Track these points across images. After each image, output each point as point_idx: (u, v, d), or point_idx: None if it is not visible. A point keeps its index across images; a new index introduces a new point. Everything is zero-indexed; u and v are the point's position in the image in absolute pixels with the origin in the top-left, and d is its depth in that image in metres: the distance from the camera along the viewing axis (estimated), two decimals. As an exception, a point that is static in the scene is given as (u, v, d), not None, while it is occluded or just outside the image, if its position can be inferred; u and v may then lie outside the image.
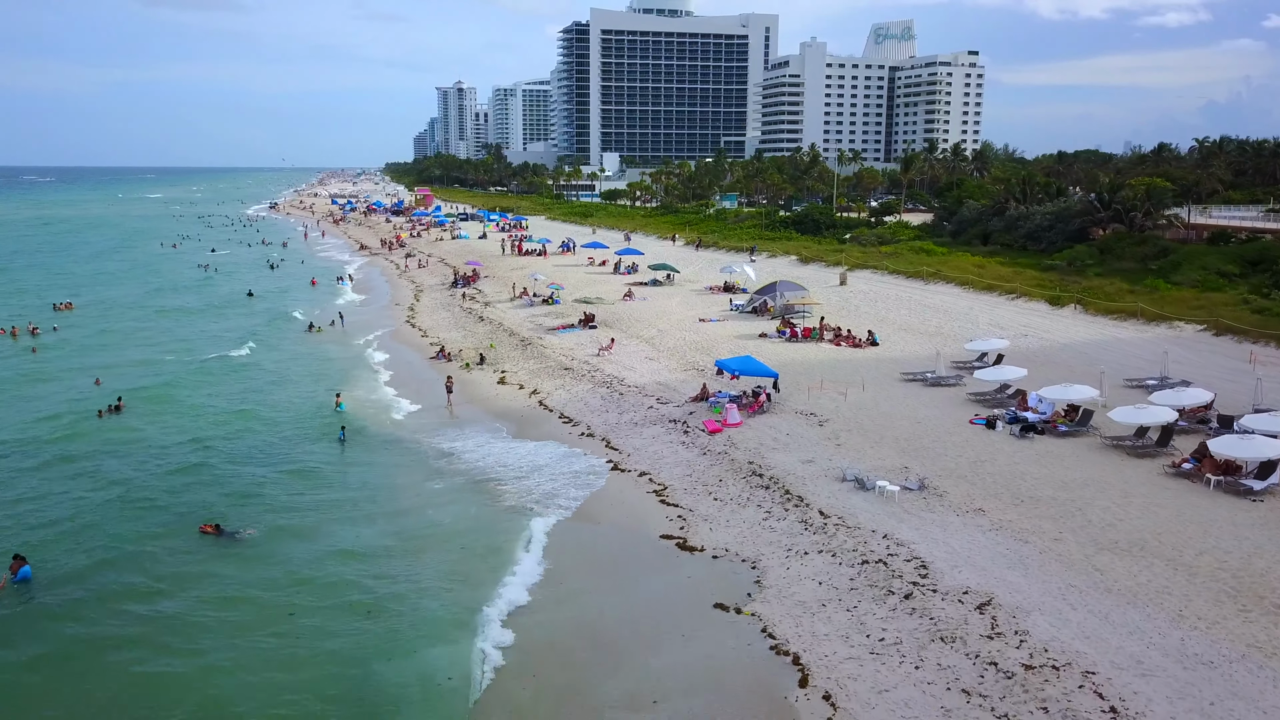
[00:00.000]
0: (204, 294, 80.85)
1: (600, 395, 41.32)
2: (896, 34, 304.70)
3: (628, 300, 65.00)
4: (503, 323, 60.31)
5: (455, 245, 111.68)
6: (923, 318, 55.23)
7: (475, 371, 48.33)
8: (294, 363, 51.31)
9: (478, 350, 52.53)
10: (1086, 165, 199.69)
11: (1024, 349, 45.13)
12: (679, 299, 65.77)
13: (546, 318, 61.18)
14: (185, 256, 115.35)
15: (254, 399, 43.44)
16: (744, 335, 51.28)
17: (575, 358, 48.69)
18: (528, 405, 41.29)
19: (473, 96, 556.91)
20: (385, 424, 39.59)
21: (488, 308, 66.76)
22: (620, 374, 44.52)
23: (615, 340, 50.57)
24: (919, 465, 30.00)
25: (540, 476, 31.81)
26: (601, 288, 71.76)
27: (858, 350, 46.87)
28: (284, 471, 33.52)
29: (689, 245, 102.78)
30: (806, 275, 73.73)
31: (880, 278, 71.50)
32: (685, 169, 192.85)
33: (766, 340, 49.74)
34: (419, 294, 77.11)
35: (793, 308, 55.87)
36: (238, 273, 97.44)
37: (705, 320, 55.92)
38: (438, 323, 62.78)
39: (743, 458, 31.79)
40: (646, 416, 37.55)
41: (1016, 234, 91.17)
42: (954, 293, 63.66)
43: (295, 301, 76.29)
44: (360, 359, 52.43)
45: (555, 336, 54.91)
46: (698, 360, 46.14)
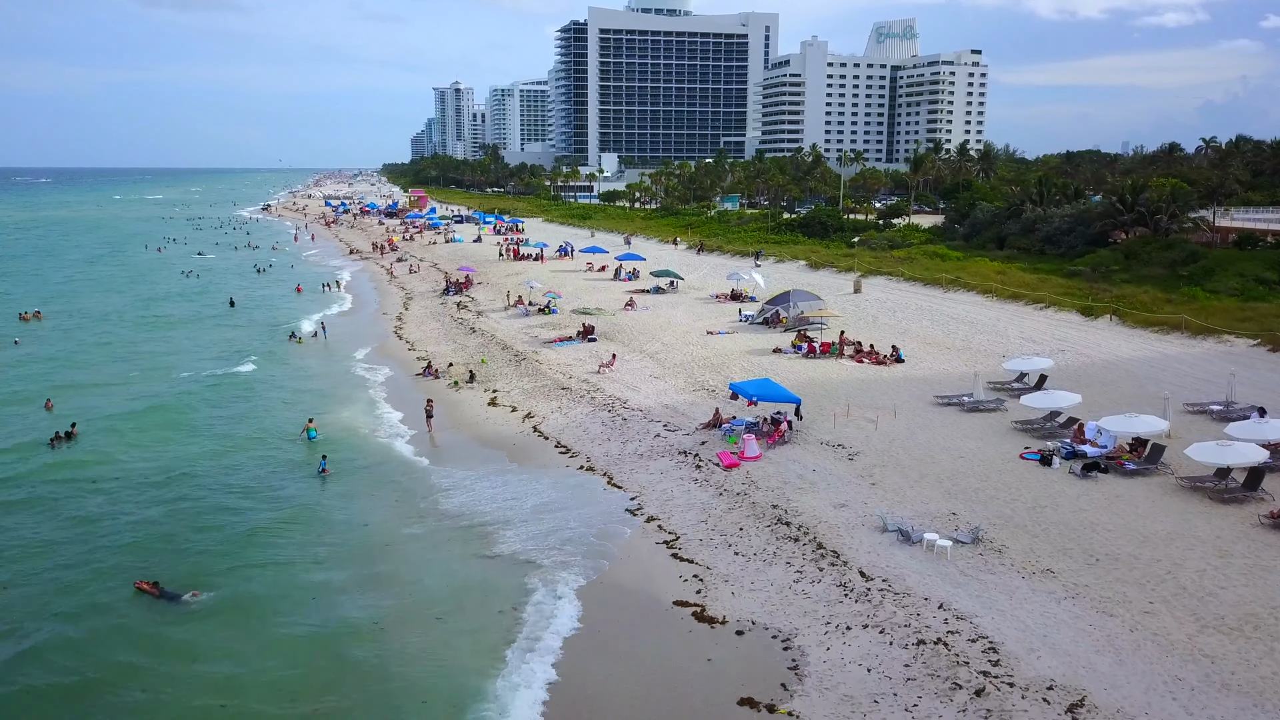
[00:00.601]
0: (184, 303, 76.77)
1: (601, 420, 37.36)
2: (898, 33, 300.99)
3: (629, 310, 61.05)
4: (495, 334, 56.32)
5: (449, 249, 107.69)
6: (947, 330, 51.29)
7: (464, 391, 44.36)
8: (271, 382, 47.25)
9: (468, 366, 48.57)
10: (1093, 166, 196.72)
11: (1064, 368, 41.17)
12: (684, 308, 61.80)
13: (542, 329, 57.21)
14: (170, 261, 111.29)
15: (222, 425, 39.38)
16: (756, 350, 47.31)
17: (573, 375, 44.72)
18: (521, 432, 37.31)
19: (470, 97, 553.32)
20: (365, 454, 35.62)
21: (480, 317, 62.77)
22: (623, 395, 40.55)
23: (617, 356, 46.59)
24: (969, 511, 26.04)
25: (533, 527, 27.78)
26: (601, 296, 67.78)
27: (882, 368, 42.91)
28: (248, 515, 29.51)
29: (691, 249, 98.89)
30: (817, 282, 69.78)
31: (896, 285, 67.58)
32: (686, 169, 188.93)
33: (781, 356, 45.76)
34: (408, 302, 73.11)
35: (807, 320, 51.89)
36: (222, 279, 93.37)
37: (713, 333, 51.94)
38: (426, 334, 58.78)
39: (765, 500, 27.82)
40: (653, 447, 33.57)
41: (1034, 237, 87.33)
42: (976, 302, 59.73)
43: (279, 310, 72.29)
44: (340, 376, 48.41)
45: (552, 350, 50.96)
46: (707, 379, 42.17)
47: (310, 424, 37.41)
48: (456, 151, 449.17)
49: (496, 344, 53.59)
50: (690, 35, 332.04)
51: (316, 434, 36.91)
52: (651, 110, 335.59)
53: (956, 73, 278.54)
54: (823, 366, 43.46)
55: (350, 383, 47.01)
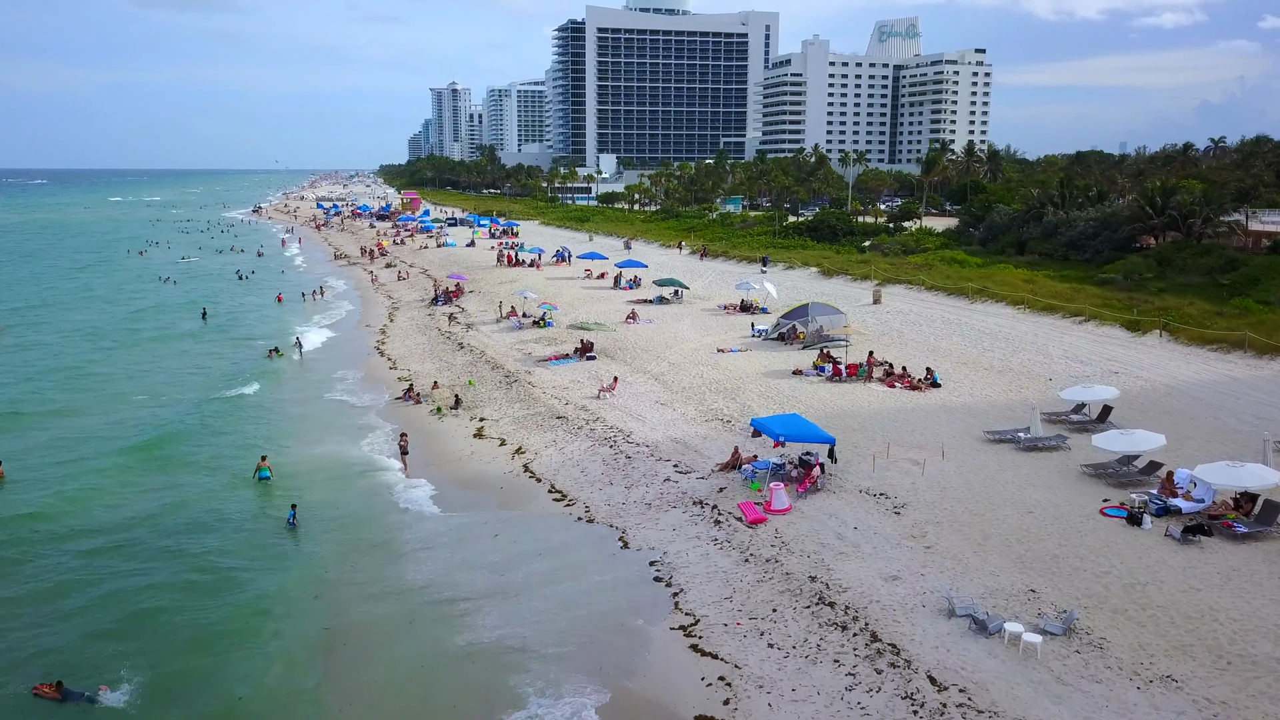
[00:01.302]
0: (155, 313, 71.96)
1: (601, 458, 32.67)
2: (901, 32, 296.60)
3: (631, 323, 56.34)
4: (485, 351, 51.59)
5: (440, 254, 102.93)
6: (981, 347, 46.61)
7: (448, 418, 39.66)
8: (234, 411, 42.25)
9: (453, 389, 43.85)
10: (1101, 167, 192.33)
11: (1125, 395, 36.45)
12: (690, 320, 57.09)
13: (537, 344, 52.53)
14: (151, 266, 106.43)
15: (172, 468, 34.25)
16: (774, 372, 42.59)
17: (570, 401, 40.02)
18: (510, 472, 32.60)
19: (467, 98, 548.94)
20: (335, 499, 30.92)
21: (469, 331, 58.05)
22: (626, 426, 35.86)
23: (619, 379, 41.87)
24: (1051, 588, 21.38)
25: (521, 603, 23.09)
26: (600, 306, 63.07)
27: (916, 394, 38.21)
28: (185, 582, 24.83)
29: (693, 254, 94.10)
30: (831, 291, 65.12)
31: (917, 295, 62.89)
32: (686, 170, 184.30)
33: (803, 380, 41.02)
34: (394, 313, 68.36)
35: (828, 336, 47.17)
36: (201, 286, 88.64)
37: (724, 350, 47.20)
38: (411, 350, 54.06)
39: (801, 568, 23.15)
40: (663, 494, 28.86)
41: (1057, 242, 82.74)
42: (1007, 314, 55.07)
43: (255, 322, 67.56)
44: (312, 401, 43.61)
45: (547, 370, 46.26)
46: (721, 407, 37.47)
47: (262, 463, 32.67)
48: (453, 153, 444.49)
49: (486, 362, 48.87)
50: (689, 34, 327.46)
51: (270, 474, 32.23)
52: (650, 110, 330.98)
53: (960, 72, 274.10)
54: (850, 392, 38.74)
55: (323, 409, 42.24)
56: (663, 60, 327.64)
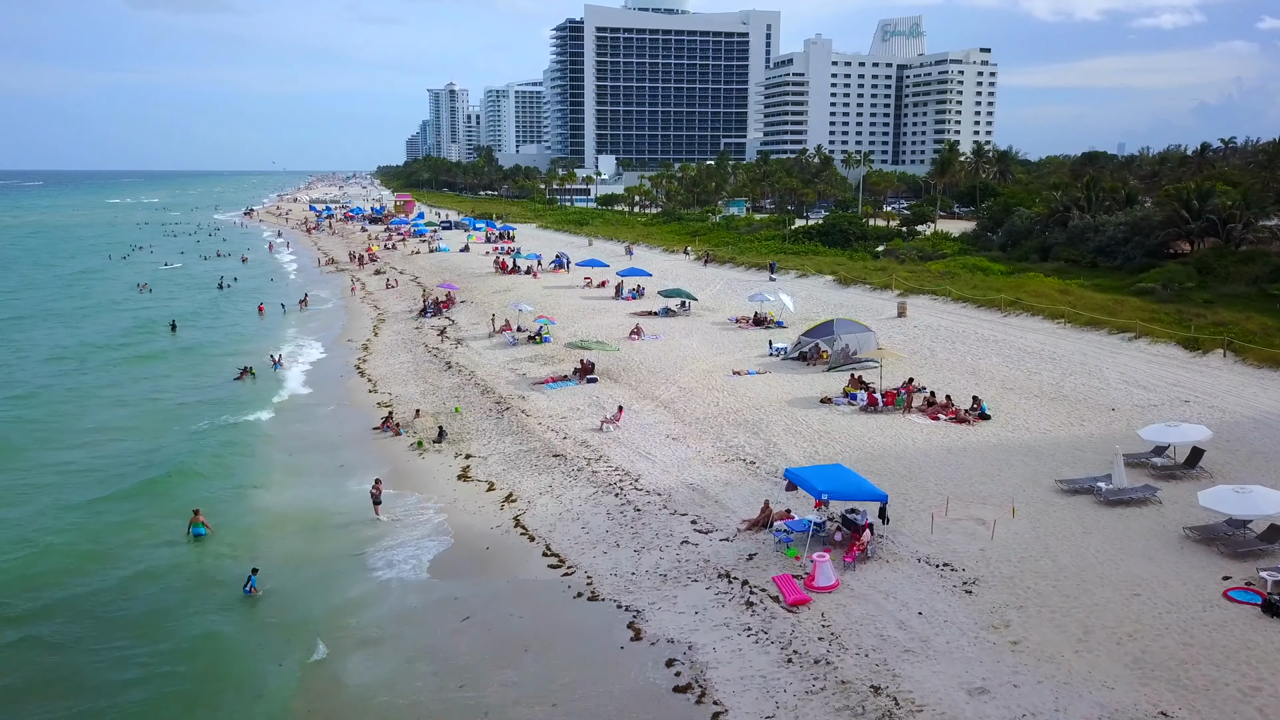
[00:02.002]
0: (123, 325, 67.08)
1: (605, 509, 27.89)
2: (904, 31, 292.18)
3: (635, 339, 51.57)
4: (475, 372, 46.81)
5: (432, 260, 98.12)
6: (1025, 369, 41.86)
7: (430, 454, 34.90)
8: (188, 451, 37.05)
9: (437, 417, 39.09)
10: (1109, 168, 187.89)
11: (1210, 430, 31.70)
12: (699, 336, 52.34)
13: (532, 363, 47.78)
14: (130, 272, 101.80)
15: (109, 528, 29.35)
16: (799, 400, 37.80)
17: (569, 434, 35.25)
18: (498, 526, 27.82)
19: (465, 98, 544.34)
20: (296, 563, 26.15)
21: (459, 347, 53.29)
22: (633, 466, 31.11)
23: (623, 409, 37.06)
24: (1187, 710, 16.62)
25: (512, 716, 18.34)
26: (602, 319, 58.32)
27: (965, 428, 33.45)
28: (93, 691, 20.09)
29: (697, 260, 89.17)
30: (851, 303, 60.44)
31: (943, 306, 58.15)
32: (688, 171, 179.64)
33: (833, 409, 36.22)
34: (379, 325, 63.56)
35: (856, 357, 42.39)
36: (178, 294, 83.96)
37: (740, 373, 42.38)
38: (393, 370, 49.26)
39: (859, 674, 18.39)
40: (680, 561, 24.09)
41: (1084, 248, 78.20)
42: (1046, 329, 50.32)
43: (231, 336, 62.78)
44: (279, 435, 38.63)
45: (543, 394, 41.49)
46: (742, 443, 32.71)
47: (196, 517, 27.86)
48: (451, 154, 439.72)
49: (475, 385, 44.07)
50: (689, 34, 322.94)
51: (205, 530, 27.50)
52: (649, 111, 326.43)
53: (965, 72, 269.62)
54: (889, 426, 33.96)
55: (291, 445, 37.33)
56: (662, 60, 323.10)
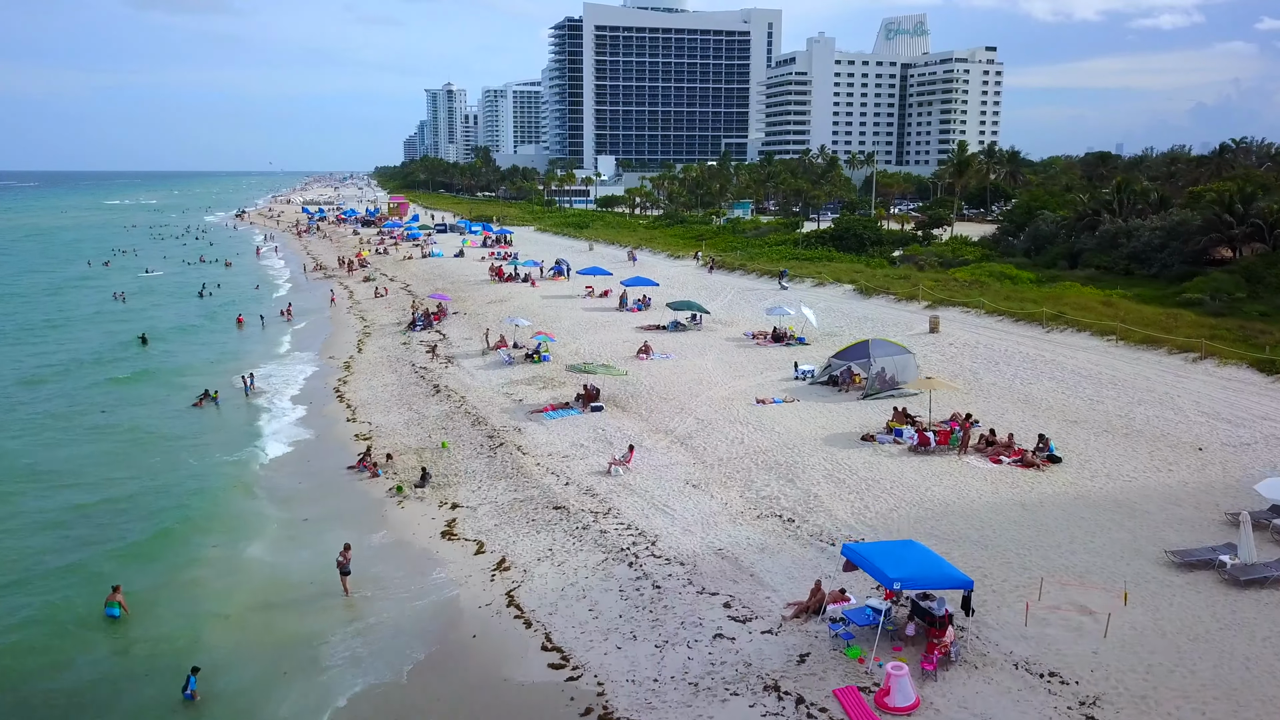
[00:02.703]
0: (90, 341, 62.11)
1: (618, 583, 23.10)
2: (908, 29, 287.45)
3: (643, 358, 46.77)
4: (466, 397, 42.00)
5: (425, 266, 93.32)
6: (1085, 397, 37.09)
7: (411, 502, 30.11)
8: (128, 500, 32.28)
9: (421, 455, 34.32)
10: (1120, 169, 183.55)
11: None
12: (715, 354, 47.56)
13: (529, 386, 43.01)
14: (111, 278, 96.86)
15: (16, 599, 24.75)
16: (835, 437, 33.01)
17: (572, 478, 30.46)
18: (486, 605, 22.98)
19: (462, 99, 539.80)
20: (238, 653, 21.38)
21: (449, 366, 48.50)
22: (649, 523, 26.32)
23: (634, 447, 32.26)
24: None
25: None
26: (606, 334, 53.54)
27: (1034, 474, 28.66)
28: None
29: (702, 266, 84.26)
30: (876, 315, 55.71)
31: (977, 320, 53.37)
32: (690, 172, 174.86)
33: (877, 449, 31.39)
34: (364, 339, 58.74)
35: (893, 383, 37.61)
36: (156, 303, 79.02)
37: (765, 401, 37.56)
38: (377, 393, 44.40)
39: None
40: (714, 663, 19.29)
41: (1117, 254, 73.55)
42: (1096, 347, 45.55)
43: (203, 352, 57.88)
44: (234, 483, 33.40)
45: (541, 425, 36.72)
46: (775, 493, 27.91)
47: (114, 595, 23.11)
48: (448, 154, 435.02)
49: (466, 413, 39.24)
50: (689, 32, 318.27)
51: (119, 611, 22.78)
52: (649, 111, 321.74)
53: (971, 71, 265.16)
54: (946, 471, 29.16)
55: (249, 492, 32.44)
56: (662, 59, 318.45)
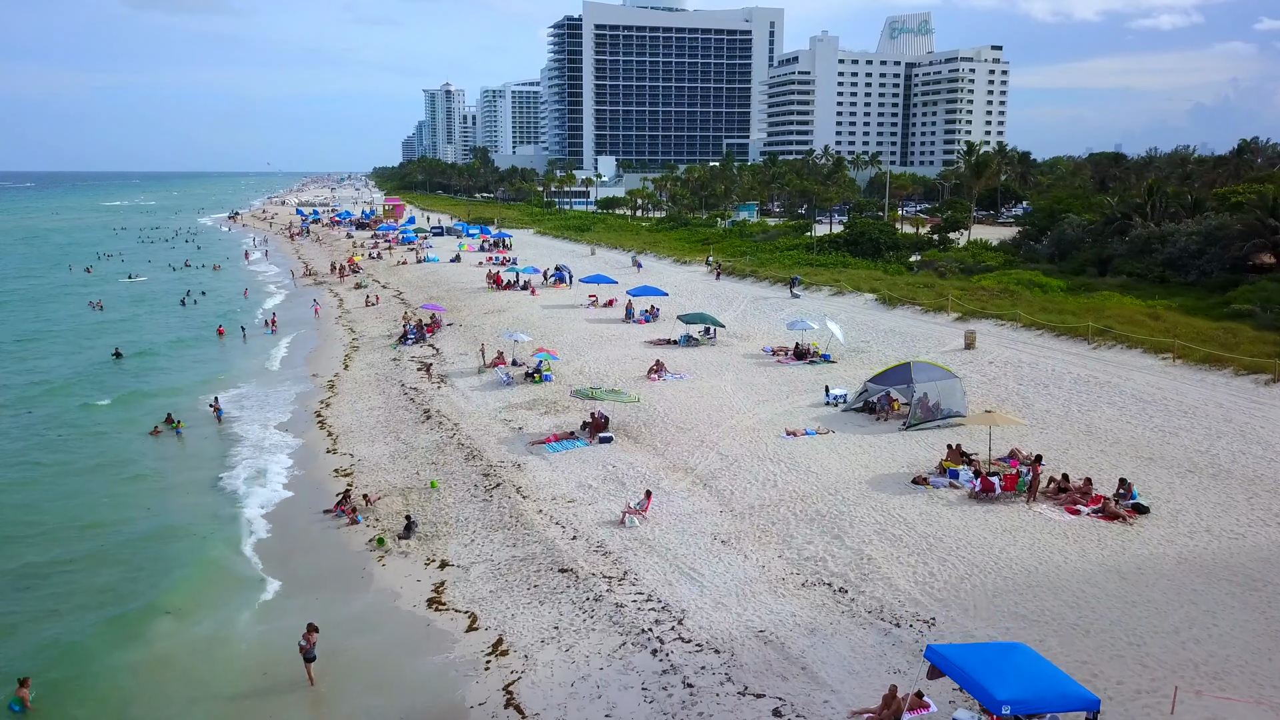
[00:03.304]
0: (57, 353, 58.03)
1: (640, 677, 18.93)
2: (913, 28, 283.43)
3: (654, 379, 42.60)
4: (460, 424, 37.84)
5: (419, 272, 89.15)
6: (1157, 428, 32.92)
7: (394, 557, 25.98)
8: (62, 536, 28.36)
9: (406, 496, 30.17)
10: (1132, 169, 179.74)
11: None
12: (733, 374, 43.39)
13: (530, 411, 38.88)
14: (92, 284, 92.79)
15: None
16: (882, 478, 28.82)
17: (580, 530, 26.30)
18: (480, 704, 18.76)
19: (461, 99, 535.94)
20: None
21: (442, 387, 44.35)
22: (673, 593, 22.16)
23: (652, 492, 28.07)
24: None
25: None
26: (612, 350, 49.41)
27: (1120, 527, 24.50)
28: None
29: (709, 273, 79.94)
30: (904, 329, 51.58)
31: (1014, 334, 49.20)
32: (694, 173, 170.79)
33: (932, 494, 27.17)
34: (352, 354, 54.59)
35: (936, 410, 33.46)
36: (135, 312, 74.87)
37: (796, 433, 33.37)
38: (360, 420, 40.20)
39: None
40: (768, 804, 15.17)
41: (1150, 260, 69.46)
42: (1151, 366, 41.36)
43: (177, 369, 53.78)
44: (187, 528, 29.26)
45: (543, 459, 32.58)
46: (820, 552, 23.72)
47: (21, 688, 19.05)
48: (447, 155, 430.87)
49: (459, 445, 35.08)
50: (690, 31, 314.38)
51: (21, 707, 18.73)
52: (650, 111, 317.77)
53: (976, 70, 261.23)
54: (1016, 524, 24.96)
55: (207, 543, 28.25)
56: (662, 58, 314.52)
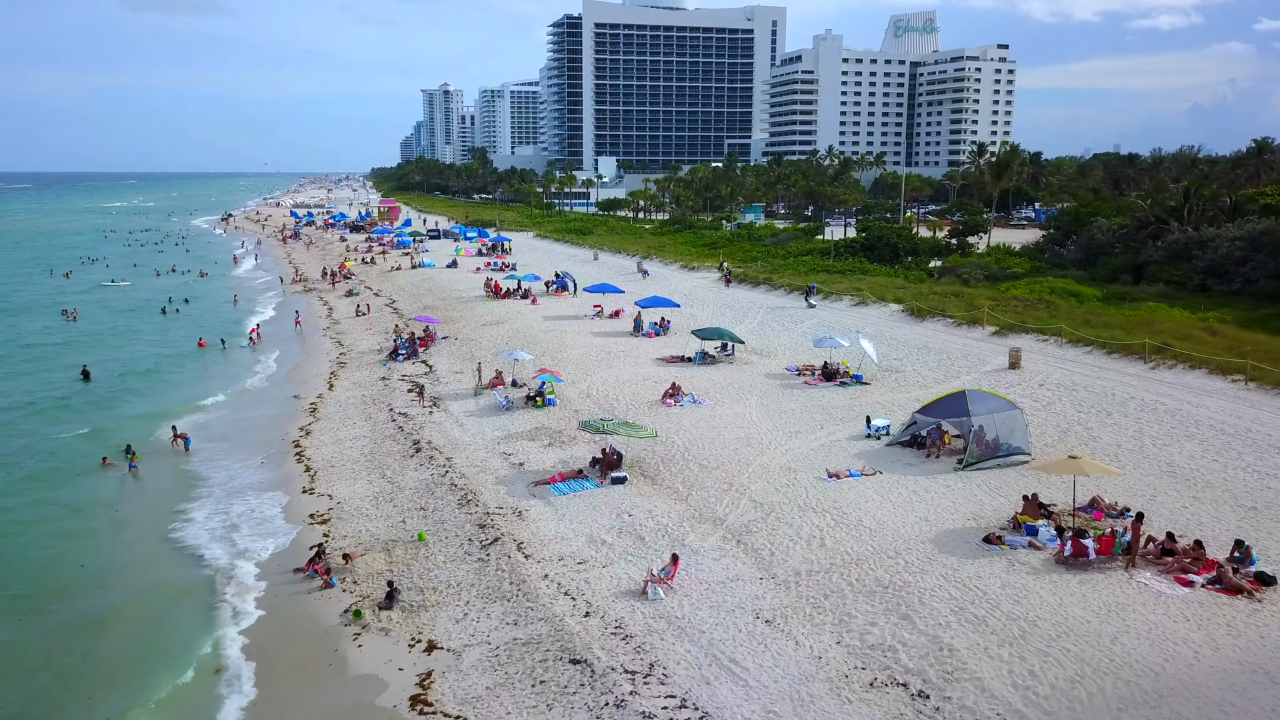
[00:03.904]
0: (22, 370, 53.77)
1: (678, 825, 14.77)
2: (918, 26, 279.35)
3: (670, 404, 38.37)
4: (454, 458, 33.63)
5: (414, 278, 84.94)
6: (1248, 468, 28.71)
7: (373, 633, 21.79)
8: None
9: (389, 552, 25.96)
10: (1146, 170, 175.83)
11: None
12: (756, 398, 39.18)
13: (533, 442, 34.69)
14: (70, 291, 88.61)
15: None
16: (950, 536, 24.58)
17: (594, 604, 22.06)
18: None
19: (459, 99, 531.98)
20: None
21: (434, 412, 40.14)
22: (712, 697, 17.91)
23: (679, 557, 23.79)
24: None
25: None
26: (621, 369, 45.21)
27: (1246, 605, 20.30)
28: None
29: (719, 280, 75.68)
30: (938, 344, 47.43)
31: (1058, 351, 44.99)
32: (698, 174, 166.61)
33: (1009, 557, 22.89)
34: (338, 371, 50.36)
35: (998, 447, 29.29)
36: (112, 323, 70.53)
37: (839, 475, 29.13)
38: (344, 450, 35.97)
39: None
40: None
41: (1190, 268, 65.34)
42: (1222, 390, 37.16)
43: (149, 388, 49.59)
44: (133, 593, 25.07)
45: (548, 504, 28.38)
46: (884, 636, 19.49)
47: None
48: (445, 155, 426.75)
49: (452, 485, 30.87)
50: (691, 30, 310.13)
51: None
52: (650, 111, 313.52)
53: (982, 69, 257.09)
54: (1119, 602, 20.71)
55: (157, 617, 24.02)
56: (663, 57, 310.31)
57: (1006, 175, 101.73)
